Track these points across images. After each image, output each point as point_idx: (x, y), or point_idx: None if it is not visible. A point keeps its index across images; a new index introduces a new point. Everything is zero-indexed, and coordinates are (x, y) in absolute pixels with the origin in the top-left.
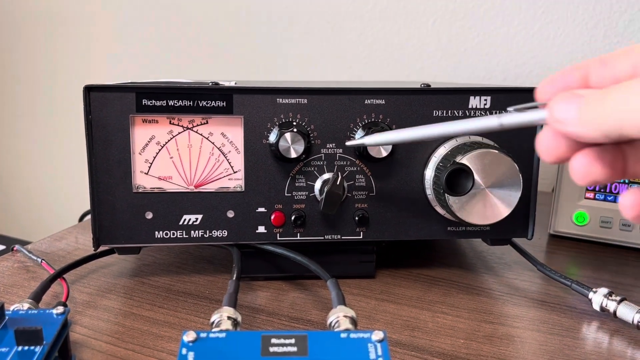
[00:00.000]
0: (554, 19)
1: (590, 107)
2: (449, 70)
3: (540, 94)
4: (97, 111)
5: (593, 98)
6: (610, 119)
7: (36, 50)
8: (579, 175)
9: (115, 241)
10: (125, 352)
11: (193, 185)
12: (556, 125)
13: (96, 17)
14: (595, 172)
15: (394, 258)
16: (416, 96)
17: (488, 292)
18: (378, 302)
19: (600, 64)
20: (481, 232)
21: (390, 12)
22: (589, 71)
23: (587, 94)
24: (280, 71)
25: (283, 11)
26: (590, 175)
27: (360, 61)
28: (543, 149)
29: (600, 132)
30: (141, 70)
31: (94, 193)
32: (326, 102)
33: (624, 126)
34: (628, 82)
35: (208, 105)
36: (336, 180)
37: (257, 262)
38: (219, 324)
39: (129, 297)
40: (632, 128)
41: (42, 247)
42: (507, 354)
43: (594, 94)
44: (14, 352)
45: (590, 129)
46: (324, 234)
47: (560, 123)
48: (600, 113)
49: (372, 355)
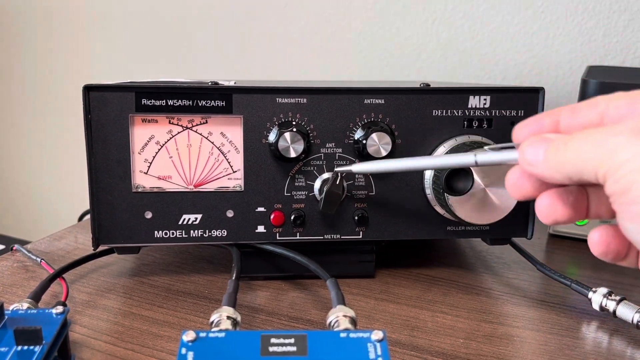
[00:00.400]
0: (553, 19)
1: (555, 151)
2: (449, 69)
3: (516, 136)
4: (96, 111)
5: (558, 143)
6: (571, 163)
7: (36, 49)
8: (542, 215)
9: (114, 241)
10: (125, 351)
11: (192, 185)
12: (525, 166)
13: (96, 17)
14: (557, 212)
15: (394, 258)
16: (415, 96)
17: (487, 291)
18: (377, 302)
19: (570, 112)
20: (481, 232)
21: (389, 12)
22: (560, 118)
23: (555, 138)
24: (279, 71)
25: (282, 10)
26: (553, 215)
27: (359, 61)
28: (510, 186)
29: (563, 174)
30: (141, 69)
31: (94, 193)
32: (326, 101)
33: (584, 170)
34: (589, 130)
35: (207, 104)
36: (335, 180)
37: (256, 262)
38: (218, 324)
39: (129, 297)
40: (590, 173)
41: (41, 247)
42: (507, 353)
43: (560, 139)
44: (14, 351)
45: (554, 172)
46: (323, 233)
47: (529, 164)
48: (563, 157)
49: (371, 354)
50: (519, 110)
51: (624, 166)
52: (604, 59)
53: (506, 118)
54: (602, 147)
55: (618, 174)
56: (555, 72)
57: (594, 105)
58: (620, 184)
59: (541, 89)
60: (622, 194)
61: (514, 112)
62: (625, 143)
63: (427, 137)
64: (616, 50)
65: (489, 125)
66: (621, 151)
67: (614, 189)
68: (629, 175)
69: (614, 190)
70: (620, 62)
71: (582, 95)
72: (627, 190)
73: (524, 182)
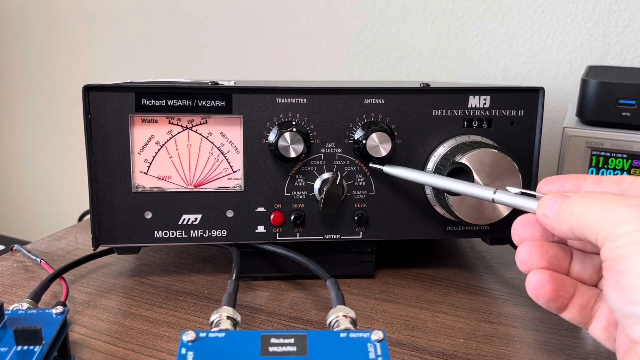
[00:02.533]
0: (553, 18)
1: (567, 205)
2: (449, 69)
3: (539, 188)
4: (96, 111)
5: (573, 198)
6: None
7: (35, 49)
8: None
9: (114, 241)
10: (125, 351)
11: (192, 185)
12: (539, 216)
13: (96, 17)
14: (533, 261)
15: (394, 258)
16: (415, 96)
17: (488, 291)
18: (377, 302)
19: (595, 181)
20: (480, 232)
21: (389, 11)
22: (584, 183)
23: (572, 195)
24: (279, 71)
25: (282, 10)
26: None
27: (359, 60)
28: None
29: (567, 226)
30: (140, 70)
31: (93, 193)
32: (325, 101)
33: (587, 229)
34: (604, 193)
35: (207, 104)
36: (335, 180)
37: (256, 262)
38: (218, 324)
39: (129, 297)
40: (592, 233)
41: (41, 247)
42: (507, 353)
43: (576, 195)
44: (13, 351)
45: (561, 223)
46: (323, 233)
47: (543, 215)
48: (573, 211)
49: (371, 355)
50: (519, 110)
51: (625, 237)
52: (604, 59)
53: (506, 118)
54: (610, 213)
55: (617, 242)
56: (555, 72)
57: (618, 181)
58: (617, 252)
59: (541, 89)
60: (616, 262)
61: (514, 112)
62: (631, 216)
63: (427, 137)
64: (616, 50)
65: (489, 125)
66: (626, 222)
67: (610, 255)
68: (627, 247)
69: (608, 256)
70: (620, 62)
71: (582, 95)
72: (622, 259)
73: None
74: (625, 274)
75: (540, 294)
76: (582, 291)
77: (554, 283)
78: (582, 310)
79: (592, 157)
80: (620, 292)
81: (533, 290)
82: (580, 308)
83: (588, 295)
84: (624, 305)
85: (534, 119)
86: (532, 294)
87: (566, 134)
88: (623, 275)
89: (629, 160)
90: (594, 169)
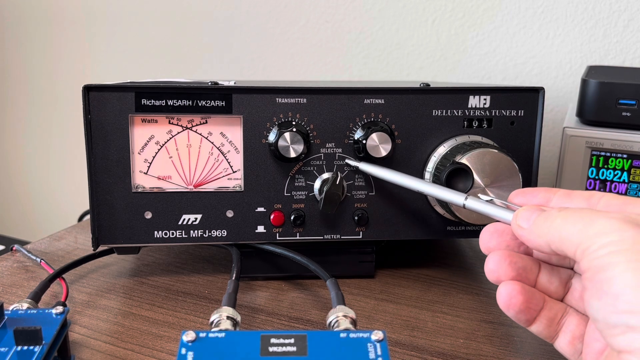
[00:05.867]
0: (553, 19)
1: (544, 219)
2: (448, 69)
3: (511, 198)
4: (96, 111)
5: (550, 213)
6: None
7: (35, 50)
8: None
9: (114, 241)
10: (125, 352)
11: (192, 185)
12: (514, 228)
13: (96, 17)
14: (501, 271)
15: (394, 258)
16: (415, 96)
17: (488, 291)
18: (377, 302)
19: (565, 195)
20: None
21: (389, 12)
22: (554, 196)
23: (549, 209)
24: (279, 71)
25: (282, 10)
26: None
27: (359, 60)
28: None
29: (544, 241)
30: (140, 70)
31: (93, 193)
32: (325, 101)
33: (565, 242)
34: (583, 209)
35: (207, 104)
36: (335, 180)
37: (256, 262)
38: (218, 324)
39: (128, 297)
40: (570, 246)
41: (41, 247)
42: (507, 353)
43: (554, 210)
44: (13, 351)
45: (537, 236)
46: (323, 233)
47: (518, 227)
48: (550, 226)
49: (371, 355)
50: (519, 110)
51: (608, 247)
52: (604, 59)
53: (506, 118)
54: (591, 225)
55: (600, 252)
56: (555, 72)
57: (588, 196)
58: (600, 262)
59: (541, 89)
60: (599, 272)
61: (514, 112)
62: (613, 227)
63: (427, 137)
64: (616, 50)
65: (489, 125)
66: (608, 233)
67: (591, 264)
68: (610, 256)
69: (589, 266)
70: (620, 62)
71: (582, 95)
72: (605, 268)
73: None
74: (609, 283)
75: (511, 305)
76: (550, 305)
77: (525, 294)
78: (550, 323)
79: (592, 157)
80: (604, 302)
81: (504, 301)
82: (548, 321)
83: (556, 309)
84: (609, 315)
85: (534, 119)
86: (503, 305)
87: (566, 134)
88: (607, 284)
89: (629, 160)
90: (594, 169)
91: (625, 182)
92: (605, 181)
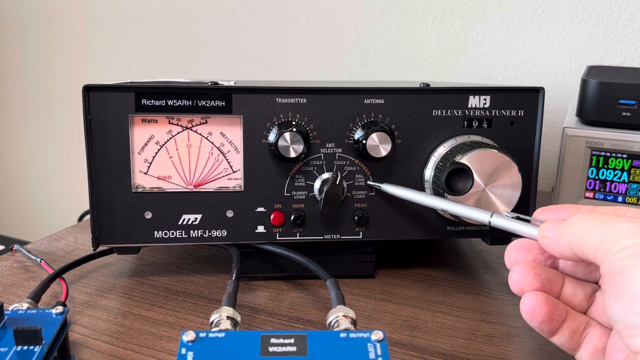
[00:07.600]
0: (553, 19)
1: (566, 225)
2: (448, 69)
3: (536, 215)
4: (96, 111)
5: (572, 219)
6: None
7: (35, 50)
8: (511, 280)
9: (114, 241)
10: (125, 352)
11: (192, 185)
12: (539, 239)
13: (96, 17)
14: (526, 282)
15: (394, 258)
16: (415, 96)
17: (488, 292)
18: (377, 302)
19: (589, 211)
20: (481, 232)
21: (389, 12)
22: (579, 213)
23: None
24: (279, 71)
25: (282, 11)
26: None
27: (359, 61)
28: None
29: (566, 244)
30: (140, 70)
31: (93, 193)
32: (325, 101)
33: (585, 244)
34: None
35: (207, 104)
36: (335, 180)
37: (256, 262)
38: (218, 324)
39: (128, 297)
40: (591, 248)
41: (41, 247)
42: (507, 353)
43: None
44: (13, 351)
45: (560, 241)
46: (323, 233)
47: (542, 237)
48: (572, 228)
49: (371, 355)
50: (519, 110)
51: (628, 249)
52: (604, 59)
53: (506, 118)
54: (611, 228)
55: (620, 254)
56: (555, 72)
57: (613, 211)
58: (620, 264)
59: (541, 89)
60: (619, 274)
61: (514, 112)
62: (633, 230)
63: (427, 137)
64: (616, 50)
65: (489, 125)
66: (629, 236)
67: (612, 267)
68: (630, 258)
69: (610, 268)
70: (620, 62)
71: (582, 95)
72: (625, 270)
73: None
74: (629, 285)
75: (535, 315)
76: (573, 316)
77: (549, 305)
78: (572, 335)
79: (592, 157)
80: (624, 303)
81: (528, 310)
82: (571, 333)
83: (579, 321)
84: (628, 316)
85: (534, 119)
86: (527, 315)
87: (566, 134)
88: (627, 286)
89: (629, 160)
90: (594, 169)
91: (625, 182)
92: (605, 181)
